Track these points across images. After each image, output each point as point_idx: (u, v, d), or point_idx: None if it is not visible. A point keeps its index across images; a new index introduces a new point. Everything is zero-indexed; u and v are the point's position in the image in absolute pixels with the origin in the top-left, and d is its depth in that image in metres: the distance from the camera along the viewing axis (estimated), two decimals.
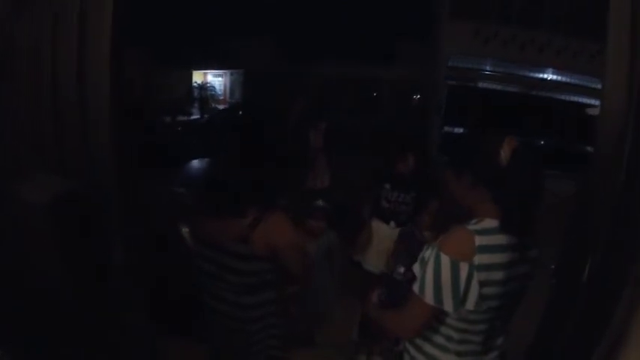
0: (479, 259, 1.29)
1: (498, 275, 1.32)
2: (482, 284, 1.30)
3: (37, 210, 1.34)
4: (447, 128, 13.86)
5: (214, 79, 22.97)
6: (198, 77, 22.38)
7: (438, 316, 1.42)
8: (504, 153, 1.31)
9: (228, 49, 21.16)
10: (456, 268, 1.30)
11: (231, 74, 22.67)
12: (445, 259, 1.31)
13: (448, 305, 1.33)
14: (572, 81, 13.82)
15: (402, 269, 1.60)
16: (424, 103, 16.52)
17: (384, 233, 3.11)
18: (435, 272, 1.33)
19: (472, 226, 1.34)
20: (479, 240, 1.30)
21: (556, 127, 13.71)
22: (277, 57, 19.87)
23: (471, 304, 1.32)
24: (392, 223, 3.12)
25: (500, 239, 1.33)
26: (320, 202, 3.07)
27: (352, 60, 18.26)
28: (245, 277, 1.76)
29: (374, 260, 3.11)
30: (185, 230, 1.85)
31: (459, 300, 1.31)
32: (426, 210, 2.92)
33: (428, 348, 1.49)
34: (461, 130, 13.41)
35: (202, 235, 1.81)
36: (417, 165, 3.03)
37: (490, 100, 13.57)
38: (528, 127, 12.60)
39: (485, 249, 1.30)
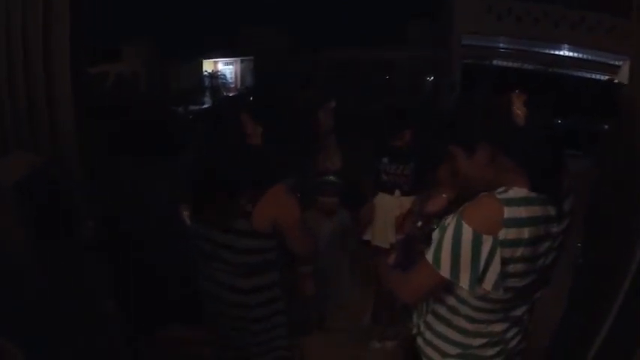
0: (505, 233, 1.15)
1: (526, 251, 1.19)
2: (506, 261, 1.17)
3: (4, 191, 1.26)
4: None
5: (225, 67, 22.92)
6: (208, 66, 22.34)
7: (456, 293, 1.30)
8: (519, 110, 1.18)
9: (238, 36, 21.09)
10: (479, 242, 1.16)
11: (242, 62, 22.58)
12: (467, 231, 1.17)
13: (464, 282, 1.20)
14: (589, 57, 13.50)
15: (419, 223, 1.47)
16: (437, 82, 16.21)
17: (389, 205, 2.99)
18: (453, 244, 1.19)
19: (500, 195, 1.20)
20: (507, 212, 1.16)
21: (573, 105, 13.39)
22: (286, 41, 19.72)
23: (489, 283, 1.19)
24: (397, 192, 3.01)
25: (528, 211, 1.18)
26: (331, 178, 2.98)
27: (362, 41, 18.02)
28: (244, 255, 1.65)
29: (382, 234, 3.01)
30: (183, 209, 1.76)
31: (477, 277, 1.19)
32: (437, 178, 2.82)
33: (443, 329, 1.38)
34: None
35: (198, 212, 1.70)
36: (413, 136, 2.94)
37: (505, 78, 13.29)
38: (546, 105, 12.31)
39: (512, 222, 1.16)
